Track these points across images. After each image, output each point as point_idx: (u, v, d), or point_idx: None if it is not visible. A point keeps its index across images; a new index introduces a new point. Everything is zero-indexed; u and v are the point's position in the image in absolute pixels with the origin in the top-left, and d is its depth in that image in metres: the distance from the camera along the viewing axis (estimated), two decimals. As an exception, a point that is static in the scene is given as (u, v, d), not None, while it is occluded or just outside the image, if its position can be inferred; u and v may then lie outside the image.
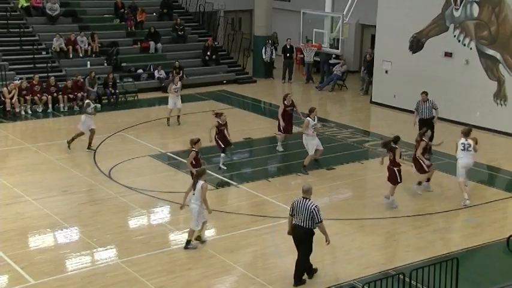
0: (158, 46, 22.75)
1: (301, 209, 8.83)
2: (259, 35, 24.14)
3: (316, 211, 8.80)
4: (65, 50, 20.92)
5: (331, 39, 20.86)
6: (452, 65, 17.95)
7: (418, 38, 18.83)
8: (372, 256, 10.08)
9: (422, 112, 14.76)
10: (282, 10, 26.14)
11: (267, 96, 21.52)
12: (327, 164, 14.37)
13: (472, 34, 17.43)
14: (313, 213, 8.78)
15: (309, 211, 8.78)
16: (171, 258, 9.93)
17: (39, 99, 18.52)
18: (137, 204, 11.99)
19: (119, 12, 23.32)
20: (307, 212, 8.79)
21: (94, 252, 10.10)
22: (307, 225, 8.86)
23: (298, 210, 8.87)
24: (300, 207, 8.85)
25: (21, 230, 10.79)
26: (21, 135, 16.65)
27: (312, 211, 8.79)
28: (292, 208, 8.96)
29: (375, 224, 11.32)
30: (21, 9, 22.02)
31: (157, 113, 18.70)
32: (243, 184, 13.09)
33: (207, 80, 22.44)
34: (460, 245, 10.44)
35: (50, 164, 14.12)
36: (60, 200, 12.21)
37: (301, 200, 8.89)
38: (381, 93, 20.04)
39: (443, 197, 12.67)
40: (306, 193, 8.94)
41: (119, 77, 20.56)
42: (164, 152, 14.99)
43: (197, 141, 11.63)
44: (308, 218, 8.81)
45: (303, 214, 8.81)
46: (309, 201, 8.85)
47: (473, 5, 17.30)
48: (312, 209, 8.79)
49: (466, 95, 17.46)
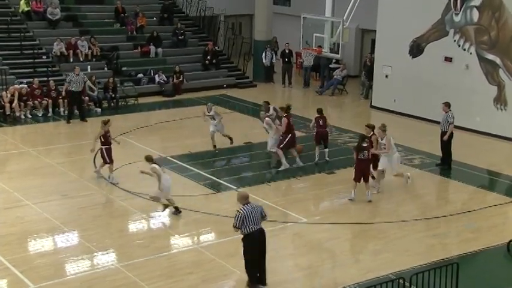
0: (159, 50, 22.79)
1: (253, 214, 8.80)
2: (260, 39, 24.18)
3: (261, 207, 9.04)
4: (66, 54, 20.95)
5: (332, 44, 20.89)
6: (452, 69, 17.97)
7: (418, 42, 18.86)
8: (372, 260, 10.06)
9: (441, 124, 14.28)
10: (282, 15, 26.19)
11: (267, 100, 21.47)
12: (327, 168, 14.36)
13: (472, 39, 17.45)
14: (262, 209, 9.00)
15: (259, 210, 8.91)
16: (171, 262, 9.91)
17: (39, 104, 18.53)
18: (137, 208, 11.98)
19: (120, 16, 23.37)
20: (258, 212, 8.90)
21: (94, 257, 10.09)
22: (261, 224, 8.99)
23: (250, 218, 8.76)
24: (250, 214, 8.77)
25: (21, 234, 10.79)
26: (21, 139, 16.66)
27: (260, 208, 8.98)
28: (242, 220, 8.74)
29: (375, 229, 11.31)
30: (22, 14, 22.07)
31: (157, 117, 18.72)
32: (242, 188, 13.07)
33: (208, 84, 22.47)
34: (460, 249, 10.41)
35: (50, 168, 14.12)
36: (60, 204, 12.20)
37: (247, 208, 8.78)
38: (381, 97, 20.05)
39: (443, 201, 12.66)
40: (247, 199, 8.94)
41: (119, 81, 20.59)
42: (164, 156, 14.99)
43: (107, 121, 13.26)
44: (260, 217, 8.93)
45: (257, 216, 8.85)
46: (250, 204, 8.90)
47: (473, 10, 17.33)
48: (259, 206, 9.02)
49: (466, 100, 17.47)
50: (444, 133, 14.07)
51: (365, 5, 20.22)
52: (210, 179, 13.59)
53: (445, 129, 14.06)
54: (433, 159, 14.97)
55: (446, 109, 14.07)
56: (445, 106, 14.14)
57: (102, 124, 13.31)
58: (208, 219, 11.57)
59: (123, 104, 19.91)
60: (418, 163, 14.87)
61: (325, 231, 11.17)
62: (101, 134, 13.18)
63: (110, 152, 13.20)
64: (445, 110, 14.07)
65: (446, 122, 14.05)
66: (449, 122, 14.01)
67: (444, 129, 14.09)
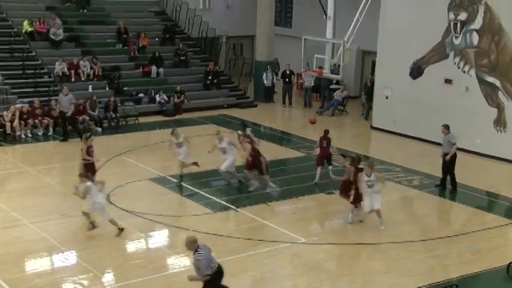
0: (160, 70, 22.93)
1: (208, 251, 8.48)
2: (261, 60, 24.34)
3: None
4: (67, 74, 21.09)
5: (332, 65, 21.03)
6: (452, 91, 18.04)
7: (418, 64, 18.96)
8: (371, 282, 9.99)
9: (443, 145, 14.20)
10: (283, 36, 26.40)
11: (267, 120, 21.60)
12: (326, 188, 14.34)
13: (472, 62, 17.55)
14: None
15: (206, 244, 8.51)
16: (169, 283, 9.85)
17: (40, 123, 18.60)
18: (135, 228, 11.94)
19: (122, 37, 23.57)
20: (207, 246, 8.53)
21: (91, 277, 10.03)
22: None
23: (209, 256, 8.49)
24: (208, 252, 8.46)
25: (18, 254, 10.73)
26: (21, 158, 16.67)
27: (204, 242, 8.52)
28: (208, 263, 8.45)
29: (375, 249, 11.25)
30: (25, 34, 22.27)
31: (157, 137, 18.74)
32: (241, 208, 13.05)
33: (208, 104, 22.56)
34: (460, 271, 10.34)
35: (49, 188, 14.11)
36: (58, 223, 12.16)
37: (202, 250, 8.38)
38: (381, 118, 20.10)
39: (443, 222, 12.61)
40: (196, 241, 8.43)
41: (120, 100, 20.68)
42: (163, 176, 14.98)
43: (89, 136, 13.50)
44: None
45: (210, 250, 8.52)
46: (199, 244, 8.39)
47: (473, 33, 17.46)
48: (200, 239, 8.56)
49: (466, 122, 17.51)
50: (446, 155, 14.02)
51: (366, 26, 20.41)
52: (209, 199, 13.57)
53: (448, 151, 14.01)
54: (432, 180, 14.94)
55: (446, 131, 14.07)
56: (444, 128, 14.14)
57: (84, 139, 13.53)
58: (207, 239, 11.46)
59: (123, 123, 19.98)
60: (417, 184, 14.84)
61: (324, 251, 11.12)
62: (83, 148, 13.25)
63: (91, 167, 13.12)
64: (444, 132, 14.08)
65: (449, 143, 14.01)
66: (452, 142, 14.00)
67: (446, 150, 14.04)
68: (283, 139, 19.32)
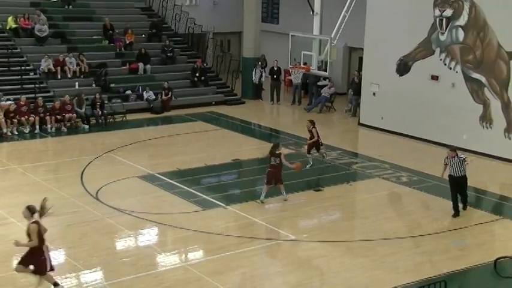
0: (147, 67, 22.81)
1: None
2: (248, 56, 24.31)
3: None
4: (53, 71, 20.90)
5: (319, 62, 21.06)
6: (439, 88, 18.17)
7: (405, 61, 19.07)
8: (360, 278, 10.05)
9: (452, 169, 12.63)
10: (270, 32, 26.38)
11: (255, 117, 21.60)
12: (315, 185, 14.39)
13: (458, 58, 17.68)
14: None
15: None
16: (159, 281, 9.83)
17: (26, 120, 18.42)
18: (124, 226, 11.89)
19: (108, 33, 23.39)
20: None
21: (80, 275, 9.98)
22: None
23: None
24: None
25: (5, 253, 10.64)
26: (7, 156, 16.51)
27: None
28: None
29: (363, 246, 11.31)
30: (9, 31, 22.01)
31: (145, 134, 18.67)
32: (231, 205, 13.05)
33: (196, 101, 22.50)
34: (447, 267, 10.44)
35: (37, 185, 13.99)
36: (46, 221, 11.93)
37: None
38: (368, 115, 20.19)
39: (430, 218, 12.72)
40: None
41: (107, 97, 20.55)
42: (152, 173, 14.93)
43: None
44: None
45: None
46: None
47: (459, 29, 17.59)
48: None
49: (453, 118, 17.65)
50: (459, 178, 12.59)
51: (353, 23, 20.46)
52: (199, 196, 13.55)
53: (461, 174, 12.58)
54: (420, 176, 15.05)
55: (454, 154, 12.58)
56: (452, 151, 12.64)
57: None
58: (196, 237, 11.51)
59: (111, 120, 19.86)
60: (406, 180, 14.94)
61: (313, 248, 11.15)
62: None
63: None
64: (452, 155, 12.58)
65: (461, 165, 12.54)
66: (466, 163, 12.69)
67: (459, 174, 12.57)
68: (272, 136, 19.34)
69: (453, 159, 12.58)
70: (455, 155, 12.60)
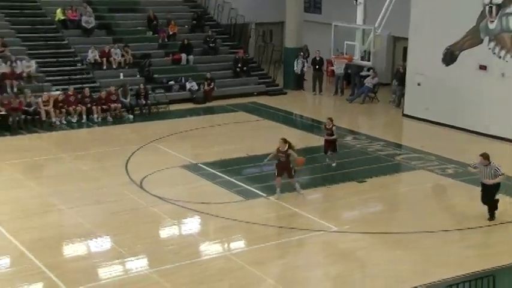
0: (190, 58, 23.00)
1: None
2: (290, 47, 24.20)
3: None
4: (99, 61, 21.33)
5: (363, 52, 20.78)
6: (487, 77, 17.67)
7: (451, 50, 18.60)
8: (401, 271, 9.92)
9: (482, 176, 11.78)
10: (313, 22, 26.17)
11: (297, 108, 21.53)
12: (358, 177, 14.26)
13: (508, 46, 17.13)
14: None
15: None
16: (202, 269, 9.96)
17: (73, 110, 18.90)
18: (168, 215, 12.08)
19: (152, 24, 23.69)
20: None
21: (125, 262, 10.20)
22: None
23: None
24: None
25: (55, 239, 10.98)
26: (56, 145, 16.98)
27: None
28: None
29: (406, 238, 11.16)
30: (58, 22, 22.56)
31: (188, 124, 18.87)
32: (272, 196, 13.07)
33: (238, 91, 22.56)
34: (496, 261, 10.18)
35: (84, 174, 14.35)
36: (92, 209, 12.39)
37: None
38: (413, 106, 19.83)
39: (477, 211, 12.42)
40: None
41: (150, 88, 20.85)
42: (195, 163, 15.09)
43: None
44: None
45: None
46: None
47: (509, 17, 17.02)
48: None
49: (502, 109, 17.13)
50: (491, 186, 11.68)
51: (397, 12, 20.08)
52: (241, 186, 13.64)
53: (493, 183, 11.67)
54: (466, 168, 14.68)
55: (486, 162, 11.54)
56: (484, 159, 11.56)
57: None
58: (238, 226, 11.60)
59: (154, 110, 20.15)
60: (451, 172, 14.63)
61: (355, 240, 11.08)
62: None
63: None
64: (484, 162, 11.56)
65: (492, 176, 11.60)
66: (498, 174, 11.60)
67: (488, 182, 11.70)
68: (313, 127, 19.24)
69: (486, 168, 11.54)
70: (489, 163, 11.51)
